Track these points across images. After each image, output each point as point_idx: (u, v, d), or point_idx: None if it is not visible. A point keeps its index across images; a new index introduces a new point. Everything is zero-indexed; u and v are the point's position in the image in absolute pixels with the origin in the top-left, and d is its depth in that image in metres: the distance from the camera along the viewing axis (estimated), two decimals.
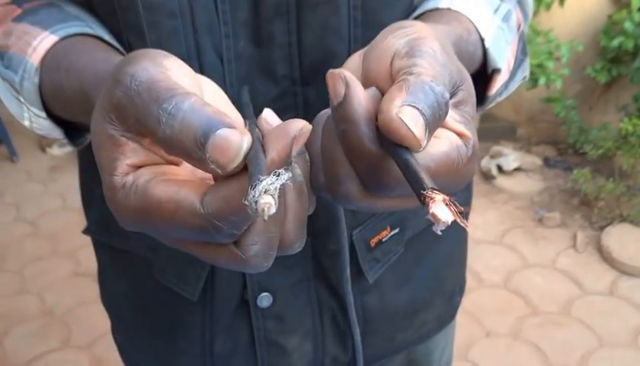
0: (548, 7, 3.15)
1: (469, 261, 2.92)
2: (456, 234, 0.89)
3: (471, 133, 0.41)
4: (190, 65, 0.54)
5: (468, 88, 0.43)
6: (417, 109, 0.36)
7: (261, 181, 0.32)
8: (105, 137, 0.39)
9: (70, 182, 3.66)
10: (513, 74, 0.67)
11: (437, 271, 0.85)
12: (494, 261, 2.83)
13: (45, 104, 0.59)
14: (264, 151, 0.36)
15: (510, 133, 3.75)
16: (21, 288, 2.85)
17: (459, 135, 0.41)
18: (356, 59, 0.48)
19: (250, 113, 0.53)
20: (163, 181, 0.37)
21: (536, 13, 3.17)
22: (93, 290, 0.96)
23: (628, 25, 3.03)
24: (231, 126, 0.34)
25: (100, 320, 0.92)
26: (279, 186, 0.33)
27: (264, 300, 0.73)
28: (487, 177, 3.40)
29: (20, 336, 2.58)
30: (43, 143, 4.10)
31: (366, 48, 0.47)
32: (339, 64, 0.59)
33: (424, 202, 0.33)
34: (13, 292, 2.83)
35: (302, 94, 0.63)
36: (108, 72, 0.42)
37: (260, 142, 0.36)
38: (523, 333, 2.44)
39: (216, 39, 0.59)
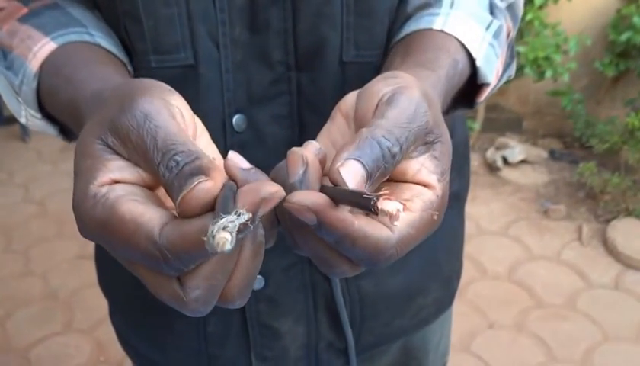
0: (556, 0, 3.14)
1: (473, 252, 2.93)
2: (451, 220, 0.88)
3: (441, 184, 0.45)
4: (185, 53, 0.62)
5: (446, 140, 0.47)
6: (360, 162, 0.40)
7: (222, 218, 0.35)
8: (97, 148, 0.42)
9: None
10: (500, 77, 0.70)
11: (433, 256, 0.86)
12: (499, 252, 2.83)
13: (41, 104, 0.62)
14: (235, 201, 0.38)
15: (516, 125, 3.73)
16: (26, 270, 2.84)
17: (428, 186, 0.45)
18: (351, 97, 0.51)
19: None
20: (132, 201, 0.40)
21: (543, 5, 3.15)
22: None
23: (636, 20, 3.02)
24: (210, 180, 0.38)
25: (104, 304, 0.93)
26: (238, 225, 0.35)
27: (257, 282, 0.74)
28: (492, 168, 3.39)
29: (23, 319, 2.57)
30: None
31: (362, 88, 0.50)
32: (332, 50, 0.63)
33: (375, 211, 0.37)
34: (17, 273, 2.82)
35: (296, 80, 0.65)
36: (103, 91, 0.48)
37: (233, 192, 0.39)
38: (527, 325, 2.43)
39: (211, 26, 0.61)
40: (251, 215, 0.36)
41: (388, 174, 0.43)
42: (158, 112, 0.41)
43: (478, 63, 0.63)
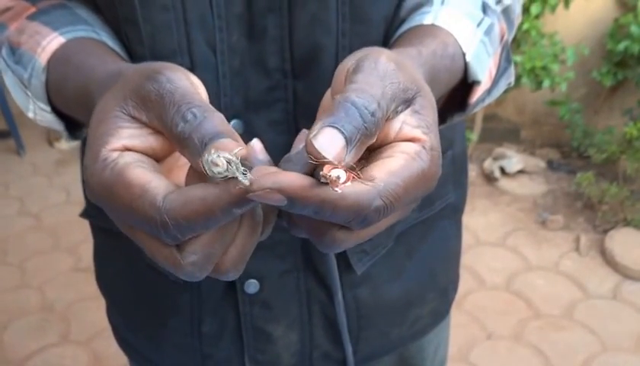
0: (554, 9, 3.13)
1: (471, 262, 2.93)
2: (447, 231, 0.90)
3: (427, 136, 0.44)
4: (182, 58, 0.63)
5: (426, 95, 0.47)
6: (335, 128, 0.39)
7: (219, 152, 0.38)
8: (112, 115, 0.43)
9: (75, 176, 3.65)
10: (496, 81, 0.70)
11: (429, 265, 0.86)
12: (496, 263, 2.82)
13: (49, 98, 0.63)
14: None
15: (514, 135, 3.73)
16: (22, 282, 2.84)
17: (413, 140, 0.44)
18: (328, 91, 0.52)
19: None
20: (141, 168, 0.42)
21: (540, 15, 3.15)
22: (93, 285, 0.98)
23: (634, 29, 3.02)
24: (233, 139, 0.39)
25: (100, 316, 0.93)
26: (231, 159, 0.37)
27: (251, 286, 0.75)
28: (489, 179, 3.38)
29: (20, 330, 2.57)
30: (50, 137, 4.10)
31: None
32: (328, 57, 0.64)
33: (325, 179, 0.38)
34: (13, 286, 2.81)
35: (293, 87, 0.66)
36: (122, 69, 0.49)
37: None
38: (525, 336, 2.42)
39: (208, 32, 0.62)
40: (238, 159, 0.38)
41: (373, 136, 0.41)
42: (179, 78, 0.43)
43: (468, 58, 0.63)
